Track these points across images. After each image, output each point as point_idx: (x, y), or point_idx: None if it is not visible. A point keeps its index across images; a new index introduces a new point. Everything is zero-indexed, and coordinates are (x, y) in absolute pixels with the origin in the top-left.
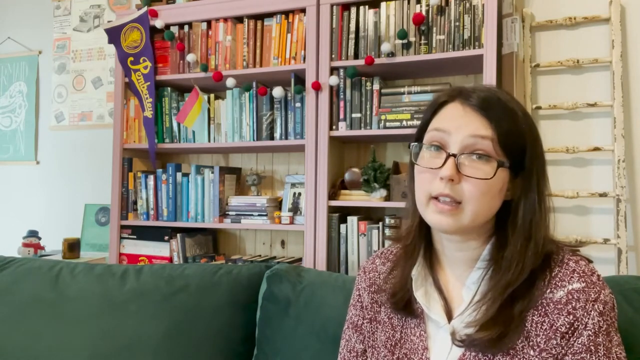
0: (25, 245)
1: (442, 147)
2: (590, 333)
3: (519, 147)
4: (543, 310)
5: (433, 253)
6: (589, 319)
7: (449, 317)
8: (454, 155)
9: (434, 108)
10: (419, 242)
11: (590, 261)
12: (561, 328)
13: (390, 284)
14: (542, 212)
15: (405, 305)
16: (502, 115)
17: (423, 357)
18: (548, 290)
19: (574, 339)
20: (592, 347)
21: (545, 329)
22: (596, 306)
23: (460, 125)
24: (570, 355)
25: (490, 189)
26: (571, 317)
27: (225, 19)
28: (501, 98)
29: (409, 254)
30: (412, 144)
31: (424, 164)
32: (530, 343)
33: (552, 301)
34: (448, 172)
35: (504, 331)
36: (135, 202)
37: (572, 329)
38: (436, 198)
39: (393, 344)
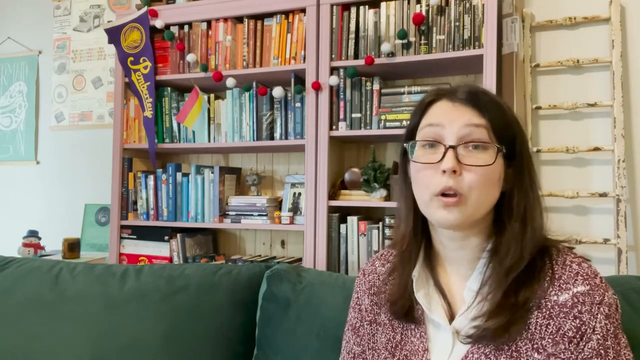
0: (25, 245)
1: (438, 141)
2: (599, 337)
3: (510, 135)
4: (547, 312)
5: (433, 254)
6: (596, 322)
7: (451, 318)
8: (453, 147)
9: (422, 108)
10: (417, 246)
11: (588, 260)
12: (568, 332)
13: (389, 290)
14: (535, 199)
15: (406, 312)
16: (491, 106)
17: (423, 359)
18: (552, 292)
19: (584, 343)
20: (602, 351)
21: (551, 332)
22: (602, 309)
23: (453, 118)
24: None
25: (490, 176)
26: (578, 321)
27: (225, 19)
28: (486, 92)
29: (406, 259)
30: (406, 143)
31: (423, 160)
32: (535, 346)
33: (557, 304)
34: (450, 164)
35: (511, 319)
36: (135, 202)
37: (580, 333)
38: (441, 194)
39: (393, 345)
